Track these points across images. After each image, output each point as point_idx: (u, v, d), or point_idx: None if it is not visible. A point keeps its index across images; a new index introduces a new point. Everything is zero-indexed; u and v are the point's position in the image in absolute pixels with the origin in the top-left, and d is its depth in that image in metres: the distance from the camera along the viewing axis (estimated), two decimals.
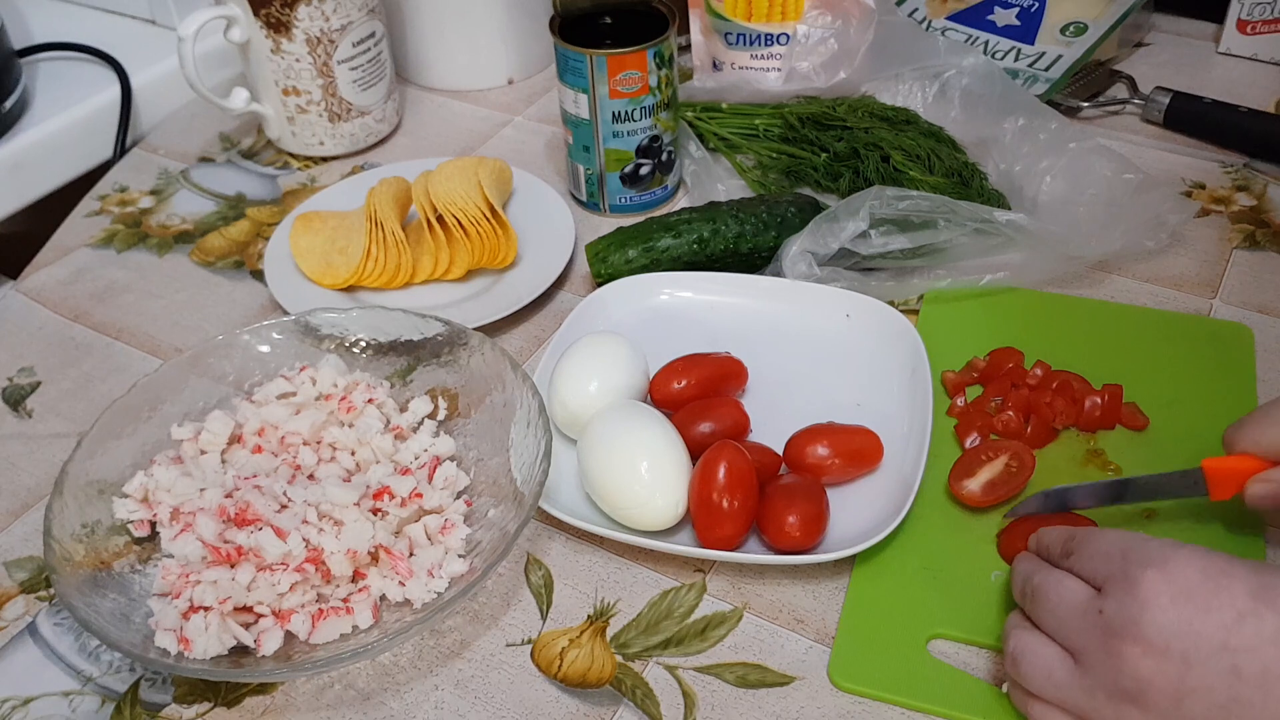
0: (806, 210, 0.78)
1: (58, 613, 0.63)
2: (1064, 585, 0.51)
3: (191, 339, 0.79)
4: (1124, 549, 0.50)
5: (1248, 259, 0.80)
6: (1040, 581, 0.52)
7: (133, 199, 0.94)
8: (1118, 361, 0.70)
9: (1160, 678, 0.46)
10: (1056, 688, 0.50)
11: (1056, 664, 0.50)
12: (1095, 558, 0.51)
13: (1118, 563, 0.49)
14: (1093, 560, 0.51)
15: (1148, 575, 0.47)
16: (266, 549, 0.57)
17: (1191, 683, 0.46)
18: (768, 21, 0.92)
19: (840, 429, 0.64)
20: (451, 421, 0.68)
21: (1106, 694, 0.48)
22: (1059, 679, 0.50)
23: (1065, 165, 0.82)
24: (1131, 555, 0.49)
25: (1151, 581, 0.47)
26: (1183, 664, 0.46)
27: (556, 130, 0.96)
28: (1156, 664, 0.46)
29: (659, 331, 0.74)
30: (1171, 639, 0.46)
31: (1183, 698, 0.46)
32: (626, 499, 0.61)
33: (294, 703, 0.58)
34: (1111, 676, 0.47)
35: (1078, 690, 0.49)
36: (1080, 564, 0.51)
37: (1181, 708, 0.46)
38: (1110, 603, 0.48)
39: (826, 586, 0.61)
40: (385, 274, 0.79)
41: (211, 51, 0.95)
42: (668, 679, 0.57)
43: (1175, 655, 0.46)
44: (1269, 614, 0.46)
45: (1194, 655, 0.46)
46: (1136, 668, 0.47)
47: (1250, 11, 0.98)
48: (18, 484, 0.70)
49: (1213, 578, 0.47)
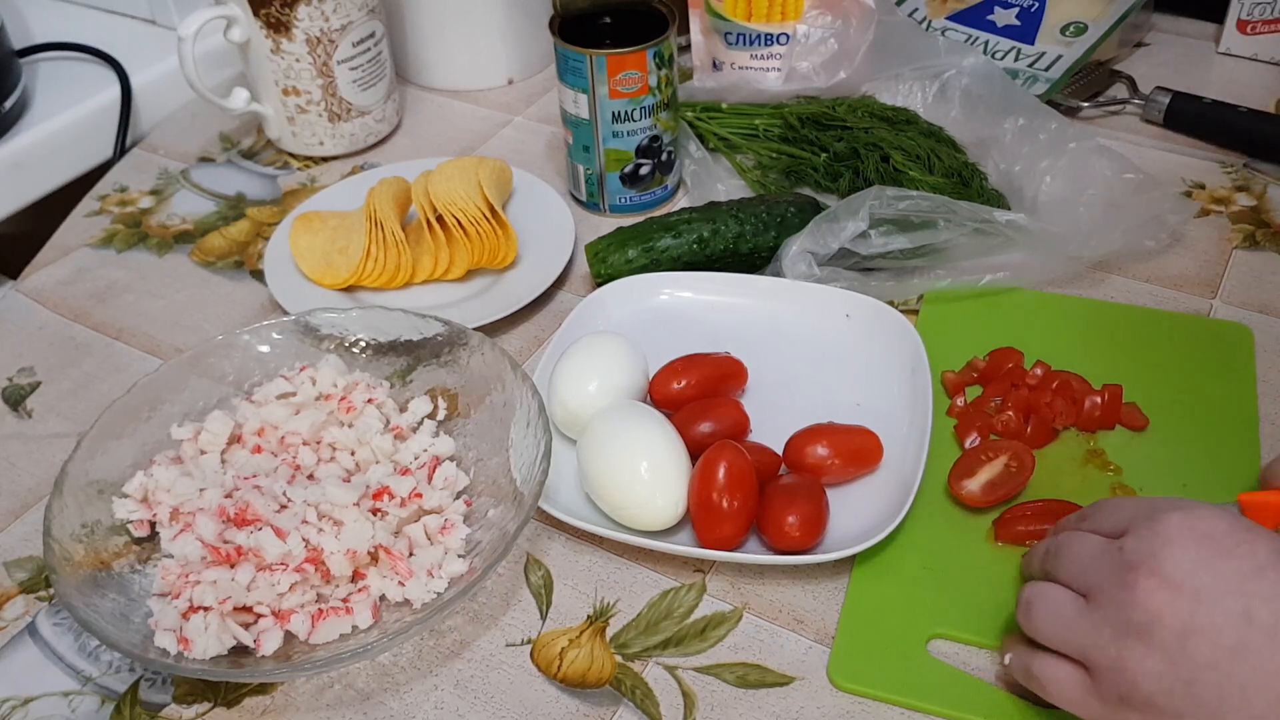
0: (806, 210, 0.78)
1: (57, 613, 0.63)
2: (1084, 537, 0.52)
3: (191, 339, 0.79)
4: (1150, 500, 0.51)
5: (1248, 259, 0.80)
6: (1063, 539, 0.53)
7: (133, 199, 0.94)
8: (1118, 361, 0.70)
9: (1170, 612, 0.46)
10: (1064, 625, 0.50)
11: (1067, 603, 0.50)
12: (1114, 513, 0.51)
13: (1144, 509, 0.50)
14: (1112, 515, 0.51)
15: (1174, 516, 0.48)
16: (266, 549, 0.57)
17: (1200, 621, 0.45)
18: (768, 21, 0.92)
19: (840, 429, 0.64)
20: (451, 421, 0.68)
21: (1114, 629, 0.47)
22: (1067, 616, 0.50)
23: (1065, 165, 0.82)
24: (1158, 504, 0.50)
25: (1177, 522, 0.48)
26: (1195, 601, 0.46)
27: (556, 130, 0.96)
28: (1169, 597, 0.46)
29: (659, 331, 0.74)
30: (1188, 575, 0.46)
31: (1189, 635, 0.46)
32: (626, 499, 0.61)
33: (294, 703, 0.58)
34: (1122, 609, 0.47)
35: (1085, 625, 0.49)
36: (1102, 521, 0.52)
37: (1186, 646, 0.46)
38: (1131, 539, 0.48)
39: (826, 586, 0.61)
40: (385, 274, 0.79)
41: (211, 51, 0.95)
42: (667, 679, 0.57)
43: (1189, 591, 0.46)
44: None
45: (1208, 594, 0.46)
46: (1148, 600, 0.46)
47: (1250, 11, 0.98)
48: (18, 484, 0.70)
49: (1238, 531, 0.47)
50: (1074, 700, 0.50)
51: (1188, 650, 0.46)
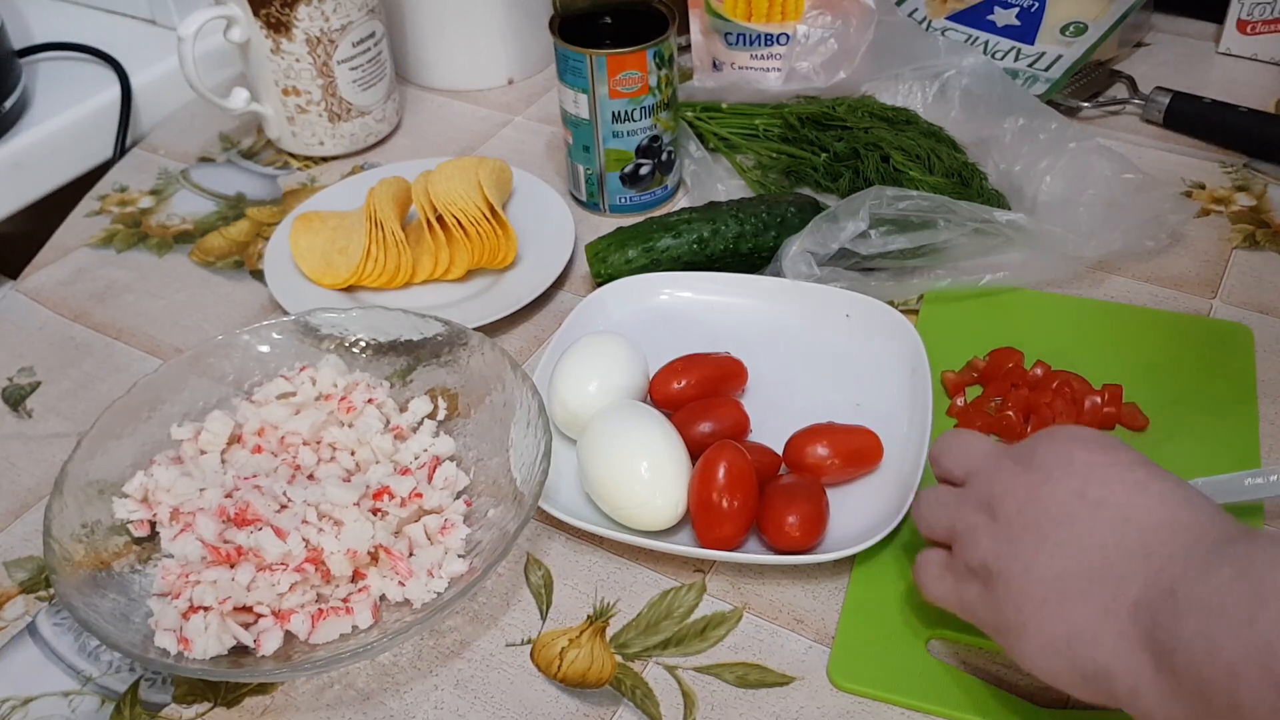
0: (806, 210, 0.78)
1: (58, 613, 0.63)
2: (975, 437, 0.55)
3: (191, 339, 0.79)
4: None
5: (1248, 259, 0.80)
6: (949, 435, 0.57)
7: (133, 199, 0.94)
8: (1118, 361, 0.70)
9: (1021, 486, 0.50)
10: (940, 505, 0.54)
11: (948, 491, 0.54)
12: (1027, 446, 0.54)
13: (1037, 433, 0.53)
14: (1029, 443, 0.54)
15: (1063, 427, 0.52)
16: (266, 549, 0.57)
17: (1040, 493, 0.49)
18: (768, 21, 0.92)
19: (840, 429, 0.64)
20: (451, 421, 0.68)
21: (974, 505, 0.51)
22: (945, 499, 0.54)
23: (1065, 165, 0.82)
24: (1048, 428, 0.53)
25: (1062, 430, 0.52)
26: (1044, 477, 0.49)
27: (556, 130, 0.96)
28: (1025, 476, 0.50)
29: (659, 331, 0.74)
30: (1047, 460, 0.50)
31: (1026, 506, 0.49)
32: (626, 499, 0.61)
33: (294, 703, 0.58)
34: (986, 488, 0.51)
35: (952, 502, 0.53)
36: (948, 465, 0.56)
37: (1023, 514, 0.49)
38: (1014, 447, 0.52)
39: (826, 586, 0.61)
40: (385, 274, 0.79)
41: (211, 51, 0.95)
42: (667, 679, 0.57)
43: (1042, 469, 0.49)
44: (1141, 470, 0.48)
45: (1056, 472, 0.49)
46: (1009, 479, 0.50)
47: (1250, 11, 0.98)
48: (18, 484, 0.70)
49: (1108, 440, 0.50)
50: (935, 577, 0.53)
51: (1022, 516, 0.49)
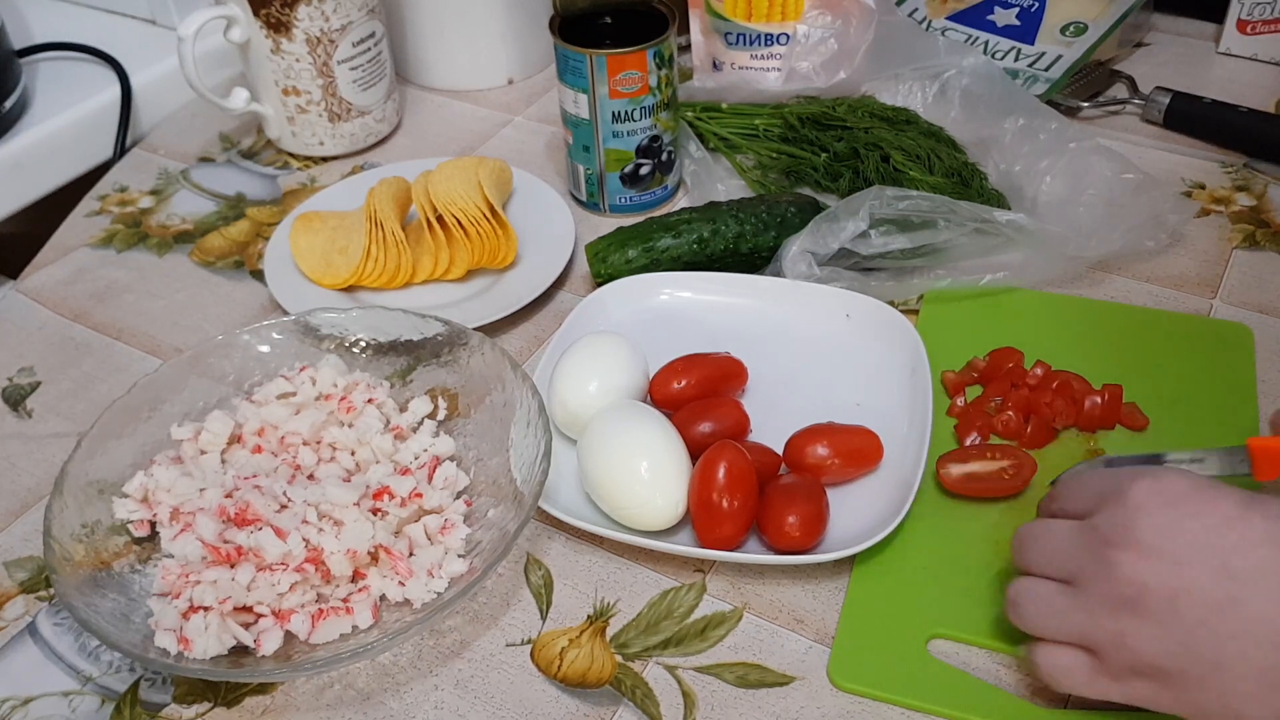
0: (806, 210, 0.78)
1: (58, 613, 0.63)
2: (1050, 524, 0.53)
3: (191, 339, 0.79)
4: (1111, 474, 0.51)
5: (1248, 259, 0.80)
6: (1028, 530, 0.54)
7: (133, 199, 0.94)
8: (1118, 361, 0.70)
9: (1154, 578, 0.47)
10: (1057, 614, 0.50)
11: (1054, 593, 0.51)
12: (1077, 491, 0.52)
13: (1109, 484, 0.50)
14: (1076, 494, 0.52)
15: (1138, 485, 0.49)
16: (266, 549, 0.57)
17: (1184, 581, 0.46)
18: (768, 21, 0.92)
19: (840, 429, 0.64)
20: (451, 421, 0.68)
21: (1106, 608, 0.48)
22: (1059, 605, 0.50)
23: (1065, 165, 0.82)
24: (1120, 475, 0.50)
25: (1142, 490, 0.49)
26: (1174, 564, 0.47)
27: (556, 130, 0.96)
28: (1150, 565, 0.47)
29: (659, 331, 0.74)
30: (1163, 540, 0.47)
31: (1176, 598, 0.46)
32: (626, 499, 0.61)
33: (294, 703, 0.58)
34: (1108, 587, 0.48)
35: (1078, 612, 0.49)
36: (1063, 504, 0.53)
37: (1177, 609, 0.46)
38: (1102, 517, 0.49)
39: (826, 586, 0.61)
40: (385, 274, 0.79)
41: (211, 51, 0.95)
42: (667, 679, 0.57)
43: (1167, 556, 0.47)
44: (1257, 519, 0.46)
45: (1184, 555, 0.47)
46: (1131, 572, 0.47)
47: (1250, 11, 0.98)
48: (18, 484, 0.70)
49: (1201, 489, 0.48)
50: (1084, 683, 0.50)
51: (1178, 612, 0.46)
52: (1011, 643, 0.57)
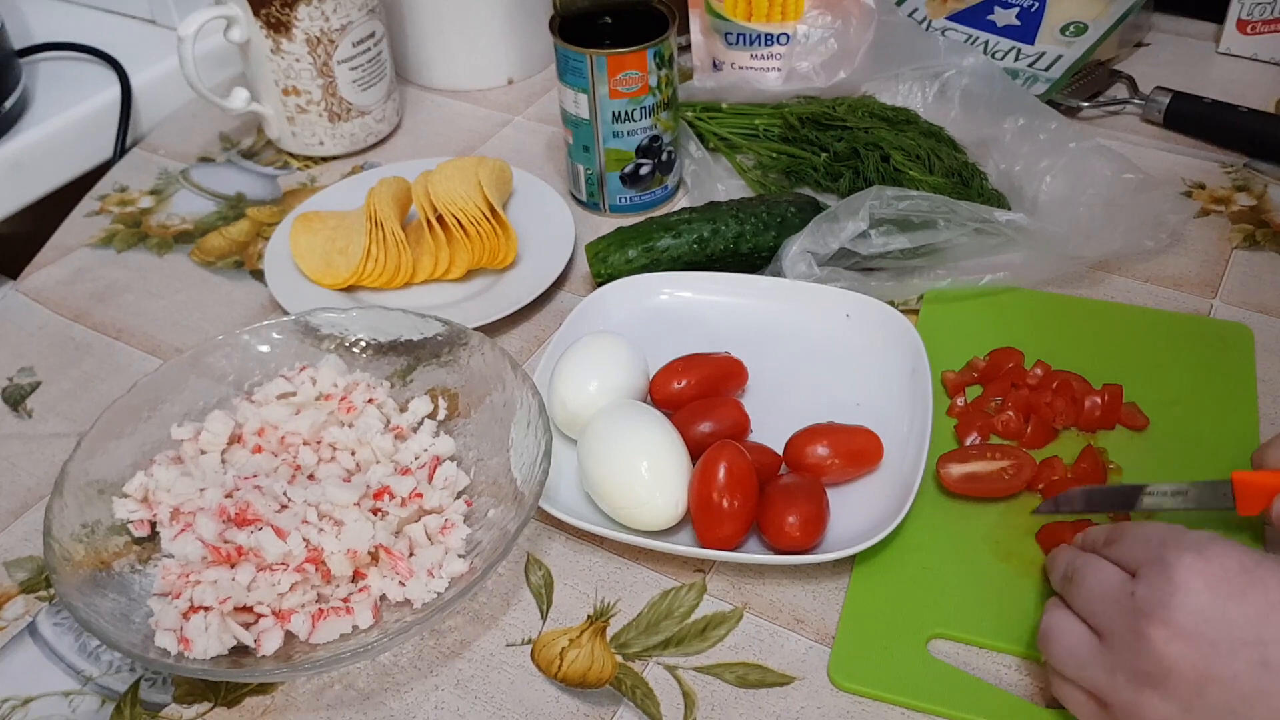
0: (806, 210, 0.78)
1: (58, 613, 0.63)
2: (1101, 569, 0.51)
3: (191, 339, 0.79)
4: (1162, 536, 0.50)
5: (1248, 259, 0.80)
6: (1080, 565, 0.53)
7: (133, 199, 0.94)
8: (1118, 361, 0.70)
9: (1185, 663, 0.46)
10: (1079, 665, 0.50)
11: (1083, 642, 0.50)
12: (1135, 544, 0.51)
13: (1155, 548, 0.49)
14: (1132, 547, 0.51)
15: (1184, 560, 0.47)
16: (266, 549, 0.57)
17: (1217, 670, 0.45)
18: (768, 21, 0.92)
19: (840, 429, 0.64)
20: (451, 421, 0.68)
21: (1127, 676, 0.48)
22: (1082, 656, 0.50)
23: (1065, 165, 0.82)
24: (1169, 541, 0.49)
25: (1187, 566, 0.47)
26: (1210, 651, 0.46)
27: (556, 130, 0.96)
28: (1182, 649, 0.46)
29: (659, 331, 0.74)
30: (1202, 624, 0.46)
31: (1206, 685, 0.46)
32: (626, 499, 0.61)
33: (294, 703, 0.58)
34: (1135, 658, 0.47)
35: (1099, 669, 0.49)
36: (1119, 551, 0.52)
37: (1204, 695, 0.46)
38: (1143, 585, 0.48)
39: (826, 586, 0.61)
40: (385, 274, 0.79)
41: (211, 51, 0.95)
42: (668, 679, 0.57)
43: (1204, 641, 0.46)
44: None
45: (1223, 643, 0.45)
46: (1162, 651, 0.46)
47: (1250, 11, 0.98)
48: (18, 484, 0.70)
49: (1249, 569, 0.47)
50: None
51: (1205, 698, 0.46)
52: (1011, 643, 0.57)
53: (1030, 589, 0.59)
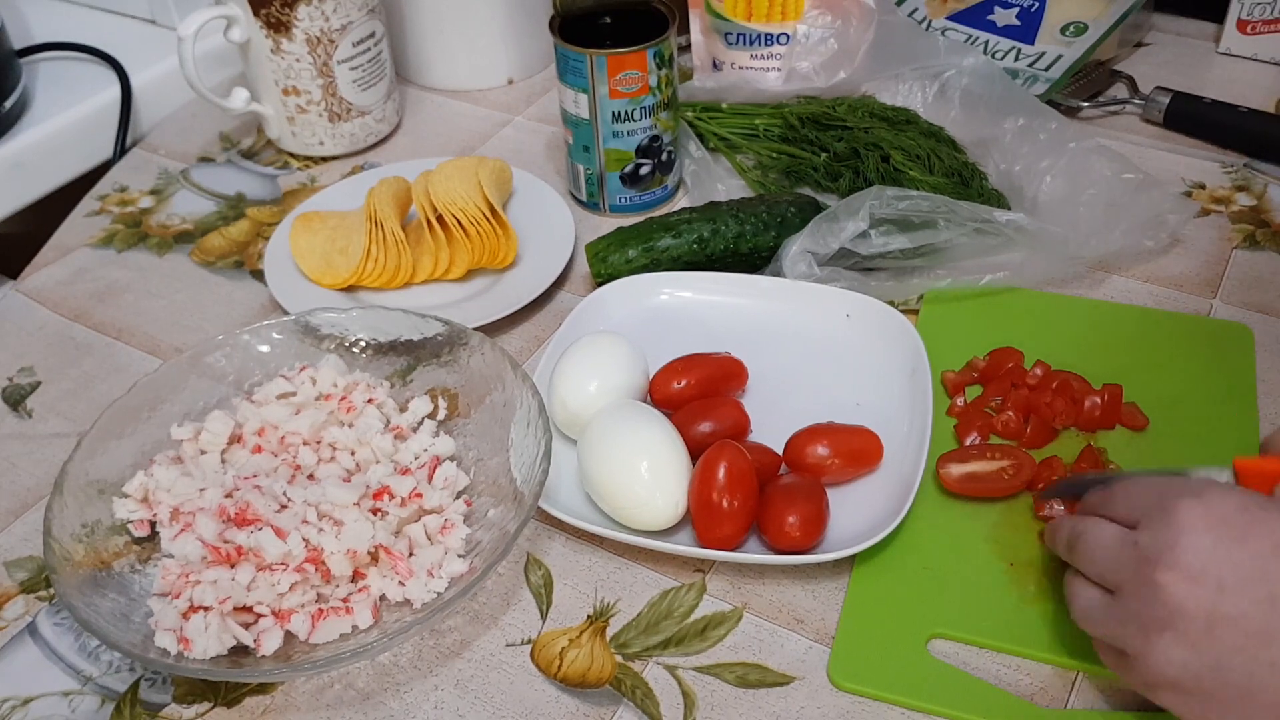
0: (806, 210, 0.78)
1: (58, 613, 0.63)
2: (1102, 528, 0.52)
3: (191, 339, 0.79)
4: (1160, 486, 0.50)
5: (1248, 259, 0.80)
6: (1082, 528, 0.53)
7: (133, 199, 0.94)
8: (1118, 361, 0.70)
9: (1192, 603, 0.46)
10: (1096, 624, 0.51)
11: (1095, 602, 0.51)
12: (1132, 498, 0.51)
13: (1154, 497, 0.50)
14: (1129, 501, 0.51)
15: (1184, 504, 0.48)
16: (266, 549, 0.57)
17: (1225, 609, 0.46)
18: (768, 21, 0.92)
19: (840, 429, 0.64)
20: (451, 421, 0.68)
21: (1139, 624, 0.48)
22: (1097, 615, 0.51)
23: (1065, 165, 0.82)
24: (1167, 490, 0.50)
25: (1188, 509, 0.48)
26: (1217, 590, 0.46)
27: (556, 130, 0.96)
28: (1190, 590, 0.46)
29: (659, 331, 0.74)
30: (1207, 564, 0.46)
31: (1215, 624, 0.46)
32: (626, 499, 0.61)
33: (294, 703, 0.58)
34: (1144, 605, 0.48)
35: (1114, 623, 0.50)
36: (1117, 508, 0.52)
37: (1213, 635, 0.46)
38: (1145, 534, 0.49)
39: (826, 586, 0.61)
40: (385, 274, 0.79)
41: (211, 51, 0.95)
42: (667, 679, 0.57)
43: (1210, 581, 0.46)
44: None
45: (1229, 582, 0.46)
46: (1170, 594, 0.47)
47: (1250, 11, 0.98)
48: (18, 484, 0.70)
49: (1250, 510, 0.47)
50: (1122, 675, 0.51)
51: (1215, 638, 0.46)
52: (1011, 643, 0.57)
53: (1030, 589, 0.59)
